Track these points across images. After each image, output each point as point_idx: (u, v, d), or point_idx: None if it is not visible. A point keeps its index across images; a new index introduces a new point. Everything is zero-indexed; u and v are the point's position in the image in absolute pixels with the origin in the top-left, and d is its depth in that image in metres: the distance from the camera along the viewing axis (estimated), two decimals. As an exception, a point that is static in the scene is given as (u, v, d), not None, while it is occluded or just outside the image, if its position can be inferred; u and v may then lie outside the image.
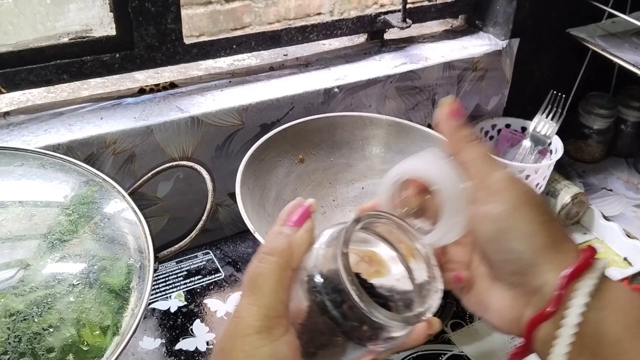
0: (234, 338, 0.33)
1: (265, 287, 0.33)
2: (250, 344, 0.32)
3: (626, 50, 0.93)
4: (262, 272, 0.34)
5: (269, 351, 0.32)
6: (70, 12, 0.72)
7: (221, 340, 0.34)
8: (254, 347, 0.32)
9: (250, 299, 0.33)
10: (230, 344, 0.33)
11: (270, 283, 0.33)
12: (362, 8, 1.01)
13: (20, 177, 0.57)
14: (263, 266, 0.34)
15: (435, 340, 0.67)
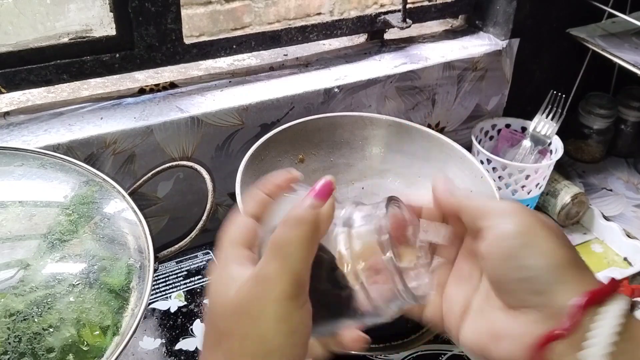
0: (264, 302, 0.33)
1: (296, 254, 0.33)
2: (283, 308, 0.33)
3: (626, 50, 0.93)
4: (293, 240, 0.33)
5: (298, 317, 0.33)
6: (70, 12, 0.72)
7: (244, 304, 0.33)
8: (287, 312, 0.33)
9: (280, 265, 0.33)
10: (259, 308, 0.33)
11: (300, 251, 0.33)
12: (362, 8, 1.01)
13: (20, 177, 0.57)
14: (294, 234, 0.34)
15: (436, 341, 0.67)
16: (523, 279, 0.35)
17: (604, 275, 0.82)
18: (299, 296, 0.33)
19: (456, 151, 0.73)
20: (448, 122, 0.98)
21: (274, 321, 0.33)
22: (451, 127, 0.99)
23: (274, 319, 0.33)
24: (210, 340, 0.35)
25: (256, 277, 0.33)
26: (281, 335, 0.33)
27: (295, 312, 0.33)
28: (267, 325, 0.33)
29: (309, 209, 0.34)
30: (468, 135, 0.93)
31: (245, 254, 0.36)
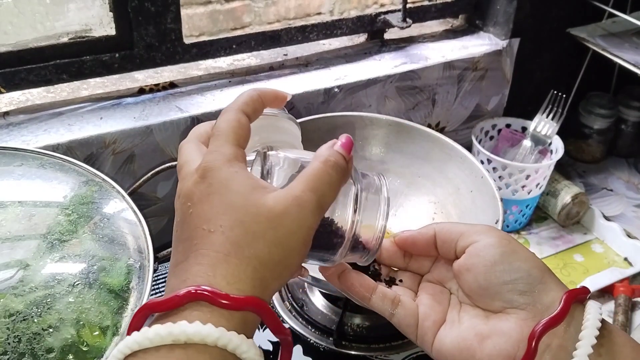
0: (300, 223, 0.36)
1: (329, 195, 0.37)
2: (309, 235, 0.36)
3: (626, 50, 0.93)
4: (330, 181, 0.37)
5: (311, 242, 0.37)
6: (69, 11, 0.72)
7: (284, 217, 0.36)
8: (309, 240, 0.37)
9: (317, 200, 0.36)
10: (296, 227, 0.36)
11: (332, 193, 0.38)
12: (362, 8, 1.01)
13: (19, 177, 0.57)
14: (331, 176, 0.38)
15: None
16: (509, 281, 0.39)
17: (604, 275, 0.82)
18: (317, 224, 0.37)
19: (456, 151, 0.73)
20: (448, 122, 0.98)
21: (302, 245, 0.36)
22: (451, 127, 0.99)
23: (302, 242, 0.36)
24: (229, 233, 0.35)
25: (296, 200, 0.36)
26: (300, 257, 0.37)
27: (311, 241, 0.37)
28: (297, 245, 0.36)
29: (342, 158, 0.39)
30: (468, 135, 0.93)
31: (242, 154, 0.38)
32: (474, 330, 0.40)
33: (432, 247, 0.44)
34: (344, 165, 0.39)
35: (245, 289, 0.34)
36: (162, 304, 0.33)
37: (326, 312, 0.69)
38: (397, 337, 0.67)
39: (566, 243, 0.90)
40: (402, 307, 0.43)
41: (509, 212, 0.89)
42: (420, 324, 0.42)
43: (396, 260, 0.46)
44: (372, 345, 0.66)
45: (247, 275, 0.34)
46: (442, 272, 0.44)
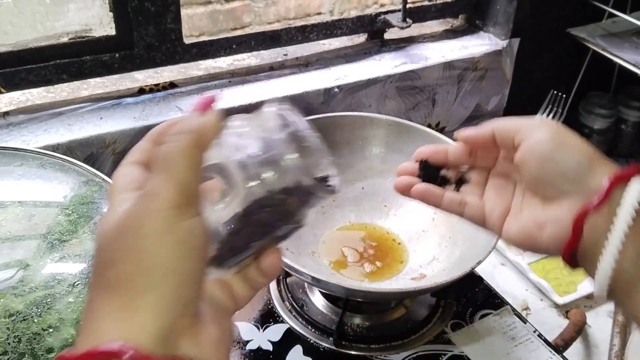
0: (142, 216, 0.30)
1: (179, 163, 0.31)
2: (165, 219, 0.30)
3: (626, 50, 0.93)
4: (174, 149, 0.31)
5: (185, 227, 0.30)
6: (69, 11, 0.72)
7: (120, 224, 0.31)
8: (170, 223, 0.30)
9: (163, 176, 0.31)
10: (138, 224, 0.30)
11: (184, 160, 0.31)
12: (362, 8, 1.01)
13: (19, 177, 0.57)
14: (174, 144, 0.32)
15: (436, 341, 0.67)
16: (560, 171, 0.42)
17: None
18: (187, 205, 0.31)
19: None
20: (448, 122, 0.98)
21: (156, 233, 0.30)
22: (451, 127, 0.99)
23: (156, 231, 0.30)
24: (93, 278, 0.31)
25: (141, 194, 0.31)
26: (165, 248, 0.30)
27: (183, 222, 0.30)
28: (148, 239, 0.30)
29: (189, 120, 0.33)
30: (468, 135, 0.93)
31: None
32: (534, 219, 0.44)
33: (493, 143, 0.46)
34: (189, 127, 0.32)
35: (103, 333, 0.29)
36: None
37: (326, 312, 0.69)
38: (397, 337, 0.67)
39: (566, 243, 0.90)
40: (470, 207, 0.47)
41: (509, 212, 0.89)
42: (487, 218, 0.47)
43: (462, 159, 0.48)
44: (372, 345, 0.66)
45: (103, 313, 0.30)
46: (505, 165, 0.47)
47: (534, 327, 0.69)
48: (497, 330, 0.69)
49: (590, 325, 0.76)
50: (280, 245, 0.38)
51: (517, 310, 0.72)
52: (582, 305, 0.79)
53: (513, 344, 0.68)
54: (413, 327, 0.68)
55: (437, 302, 0.71)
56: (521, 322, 0.70)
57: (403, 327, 0.68)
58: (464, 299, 0.72)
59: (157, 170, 0.32)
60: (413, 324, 0.68)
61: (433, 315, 0.70)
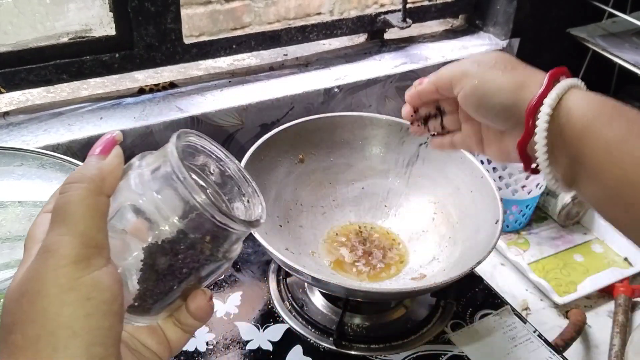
0: (42, 274, 0.28)
1: (77, 214, 0.29)
2: (65, 275, 0.28)
3: (626, 50, 0.93)
4: (71, 199, 0.29)
5: (89, 281, 0.28)
6: (69, 11, 0.72)
7: (23, 283, 0.29)
8: (72, 279, 0.28)
9: (60, 230, 0.29)
10: (39, 283, 0.28)
11: (82, 209, 0.29)
12: (362, 8, 1.01)
13: (19, 177, 0.57)
14: (70, 194, 0.30)
15: (436, 341, 0.67)
16: (494, 114, 0.47)
17: (604, 275, 0.82)
18: (89, 259, 0.29)
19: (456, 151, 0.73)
20: (448, 122, 0.98)
21: (58, 292, 0.28)
22: (451, 127, 0.99)
23: (57, 289, 0.28)
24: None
25: (38, 251, 0.29)
26: (69, 307, 0.28)
27: (86, 276, 0.28)
28: (49, 299, 0.28)
29: (87, 166, 0.31)
30: (468, 135, 0.93)
31: None
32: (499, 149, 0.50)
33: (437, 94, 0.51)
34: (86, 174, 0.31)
35: None
36: None
37: (326, 312, 0.69)
38: (397, 337, 0.67)
39: (566, 243, 0.90)
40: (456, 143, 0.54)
41: (509, 212, 0.89)
42: (470, 147, 0.53)
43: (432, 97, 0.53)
44: (372, 345, 0.66)
45: None
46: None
47: (534, 327, 0.69)
48: (497, 330, 0.69)
49: (590, 325, 0.76)
50: (208, 285, 0.36)
51: (517, 310, 0.72)
52: (582, 305, 0.79)
53: (513, 344, 0.68)
54: (413, 327, 0.68)
55: (437, 302, 0.71)
56: (521, 322, 0.70)
57: (403, 327, 0.68)
58: (464, 299, 0.72)
59: (54, 223, 0.29)
60: (413, 324, 0.68)
61: (433, 316, 0.70)
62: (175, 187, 0.31)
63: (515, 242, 0.88)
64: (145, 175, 0.32)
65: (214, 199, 0.32)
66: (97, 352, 0.28)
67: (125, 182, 0.32)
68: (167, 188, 0.32)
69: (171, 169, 0.31)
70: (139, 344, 0.35)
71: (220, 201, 0.36)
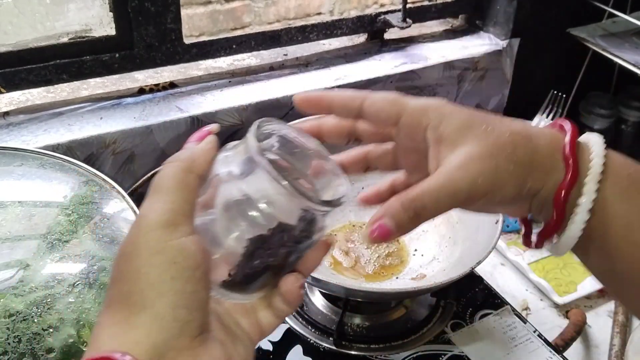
0: (137, 236, 0.31)
1: (168, 186, 0.32)
2: (154, 239, 0.31)
3: (627, 50, 0.92)
4: (163, 174, 0.33)
5: (175, 246, 0.31)
6: (69, 11, 0.72)
7: (123, 246, 0.32)
8: (160, 242, 0.31)
9: (152, 199, 0.32)
10: (133, 244, 0.31)
11: (172, 182, 0.33)
12: (362, 8, 1.01)
13: (19, 177, 0.57)
14: (164, 170, 0.33)
15: (436, 341, 0.67)
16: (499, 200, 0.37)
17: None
18: (176, 225, 0.31)
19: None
20: (448, 122, 0.98)
21: (147, 254, 0.30)
22: (451, 127, 0.98)
23: (146, 252, 0.31)
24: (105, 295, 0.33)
25: (135, 219, 0.32)
26: (156, 268, 0.30)
27: (173, 241, 0.31)
28: (140, 260, 0.31)
29: (182, 150, 0.35)
30: (468, 135, 0.93)
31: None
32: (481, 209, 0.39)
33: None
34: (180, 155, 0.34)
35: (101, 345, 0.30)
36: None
37: (326, 312, 0.69)
38: (397, 337, 0.67)
39: (566, 243, 0.90)
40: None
41: (509, 212, 0.89)
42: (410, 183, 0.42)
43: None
44: (372, 345, 0.66)
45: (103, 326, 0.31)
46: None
47: (534, 327, 0.69)
48: (497, 330, 0.69)
49: (590, 325, 0.76)
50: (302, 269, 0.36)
51: (517, 310, 0.72)
52: (582, 305, 0.79)
53: (513, 344, 0.68)
54: (413, 327, 0.68)
55: (437, 302, 0.71)
56: (521, 322, 0.70)
57: (403, 327, 0.68)
58: (464, 299, 0.72)
59: (149, 194, 0.33)
60: (413, 324, 0.68)
61: (433, 315, 0.70)
62: (259, 173, 0.33)
63: (515, 242, 0.88)
64: (232, 163, 0.35)
65: (296, 181, 0.34)
66: (182, 315, 0.30)
67: (215, 167, 0.35)
68: (252, 174, 0.33)
69: (253, 156, 0.33)
70: (232, 322, 0.36)
71: (303, 183, 0.37)
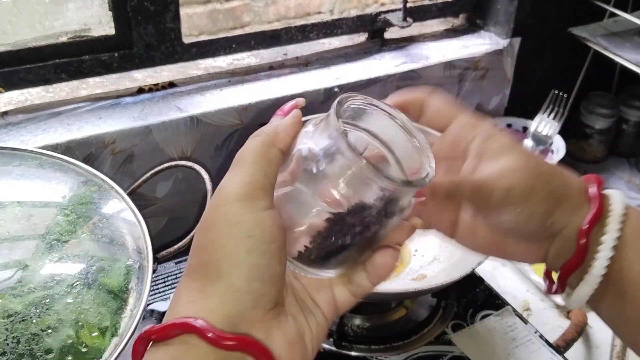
0: (216, 208, 0.32)
1: (249, 159, 0.33)
2: (233, 212, 0.31)
3: (628, 50, 0.92)
4: (247, 148, 0.34)
5: (252, 220, 0.31)
6: (68, 11, 0.72)
7: (204, 215, 0.33)
8: (237, 215, 0.31)
9: (233, 171, 0.33)
10: (212, 215, 0.32)
11: (253, 156, 0.33)
12: (362, 7, 1.01)
13: (18, 177, 0.56)
14: (247, 144, 0.34)
15: (436, 342, 0.67)
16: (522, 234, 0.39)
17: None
18: (254, 199, 0.32)
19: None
20: (449, 122, 0.98)
21: (224, 226, 0.31)
22: (452, 127, 0.98)
23: (223, 224, 0.31)
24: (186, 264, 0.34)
25: (216, 190, 0.33)
26: (232, 240, 0.31)
27: (250, 214, 0.31)
28: (217, 231, 0.31)
29: (266, 125, 0.35)
30: (469, 135, 0.93)
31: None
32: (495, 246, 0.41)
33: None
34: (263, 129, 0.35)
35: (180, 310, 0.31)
36: (156, 332, 0.31)
37: (326, 312, 0.69)
38: (398, 337, 0.66)
39: (567, 243, 0.90)
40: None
41: (509, 212, 0.89)
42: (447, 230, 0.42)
43: None
44: (372, 346, 0.65)
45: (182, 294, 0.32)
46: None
47: (535, 327, 0.69)
48: (498, 331, 0.68)
49: (592, 326, 0.76)
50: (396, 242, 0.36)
51: (518, 311, 0.72)
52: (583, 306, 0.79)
53: (514, 344, 0.67)
54: (413, 328, 0.68)
55: (437, 303, 0.71)
56: (522, 322, 0.70)
57: (403, 328, 0.68)
58: (464, 300, 0.72)
59: (231, 167, 0.34)
60: (413, 325, 0.68)
61: (434, 316, 0.70)
62: (338, 151, 0.33)
63: (516, 242, 0.88)
64: (313, 138, 0.34)
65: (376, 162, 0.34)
66: (256, 287, 0.31)
67: (298, 142, 0.35)
68: (331, 151, 0.33)
69: (332, 133, 0.33)
70: (307, 297, 0.36)
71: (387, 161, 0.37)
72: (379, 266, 0.36)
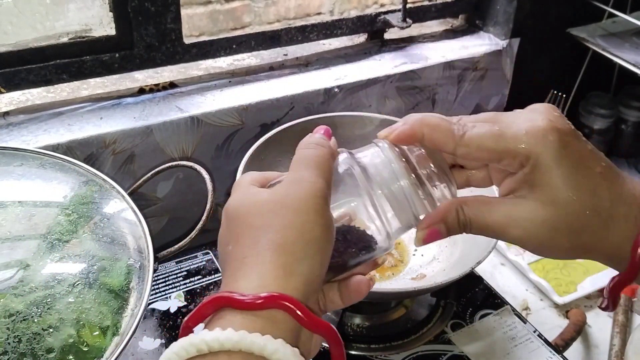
0: (303, 196, 0.35)
1: (324, 166, 0.37)
2: (320, 204, 0.35)
3: (626, 50, 0.93)
4: (320, 154, 0.37)
5: (330, 216, 0.35)
6: (69, 11, 0.72)
7: (283, 200, 0.35)
8: (324, 208, 0.35)
9: (314, 172, 0.36)
10: (299, 201, 0.35)
11: (327, 164, 0.37)
12: (362, 8, 1.01)
13: (19, 177, 0.57)
14: (320, 150, 0.37)
15: (436, 341, 0.67)
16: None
17: (605, 275, 0.82)
18: (327, 200, 0.36)
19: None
20: (448, 122, 0.98)
21: (314, 213, 0.34)
22: (451, 127, 0.98)
23: (314, 211, 0.34)
24: (242, 240, 0.35)
25: (291, 180, 0.36)
26: (319, 227, 0.34)
27: (329, 210, 0.35)
28: (308, 217, 0.34)
29: (321, 138, 0.39)
30: (468, 135, 0.93)
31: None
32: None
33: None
34: (325, 142, 0.39)
35: (267, 284, 0.33)
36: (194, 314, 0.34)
37: (326, 312, 0.69)
38: (397, 337, 0.67)
39: (566, 243, 0.90)
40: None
41: (509, 212, 0.89)
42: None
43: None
44: (372, 345, 0.66)
45: (266, 267, 0.33)
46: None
47: (534, 327, 0.69)
48: (497, 330, 0.69)
49: (590, 325, 0.76)
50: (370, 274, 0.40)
51: (517, 310, 0.72)
52: (582, 305, 0.79)
53: (513, 343, 0.68)
54: (413, 327, 0.68)
55: (437, 302, 0.71)
56: (521, 322, 0.70)
57: (403, 327, 0.68)
58: (464, 299, 0.72)
59: (305, 167, 0.37)
60: (413, 324, 0.68)
61: (433, 315, 0.70)
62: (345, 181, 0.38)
63: (515, 242, 0.88)
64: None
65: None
66: (322, 273, 0.35)
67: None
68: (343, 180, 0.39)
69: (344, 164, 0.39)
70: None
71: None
72: (352, 291, 0.39)
